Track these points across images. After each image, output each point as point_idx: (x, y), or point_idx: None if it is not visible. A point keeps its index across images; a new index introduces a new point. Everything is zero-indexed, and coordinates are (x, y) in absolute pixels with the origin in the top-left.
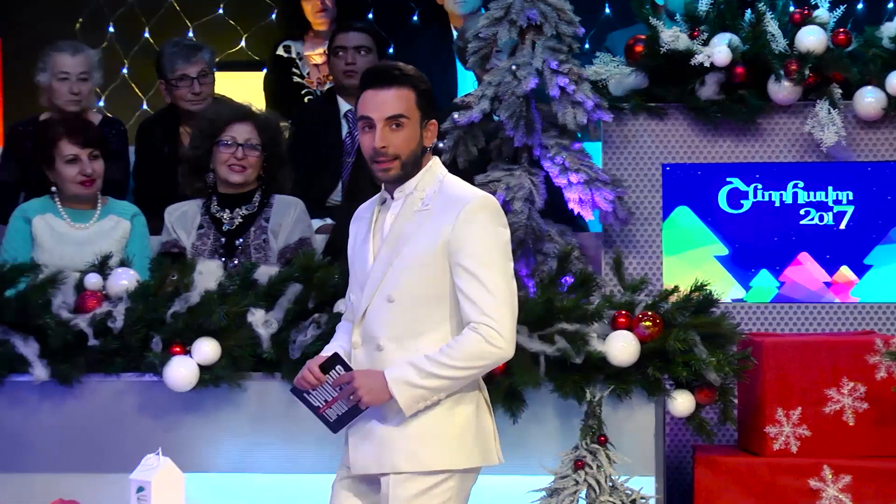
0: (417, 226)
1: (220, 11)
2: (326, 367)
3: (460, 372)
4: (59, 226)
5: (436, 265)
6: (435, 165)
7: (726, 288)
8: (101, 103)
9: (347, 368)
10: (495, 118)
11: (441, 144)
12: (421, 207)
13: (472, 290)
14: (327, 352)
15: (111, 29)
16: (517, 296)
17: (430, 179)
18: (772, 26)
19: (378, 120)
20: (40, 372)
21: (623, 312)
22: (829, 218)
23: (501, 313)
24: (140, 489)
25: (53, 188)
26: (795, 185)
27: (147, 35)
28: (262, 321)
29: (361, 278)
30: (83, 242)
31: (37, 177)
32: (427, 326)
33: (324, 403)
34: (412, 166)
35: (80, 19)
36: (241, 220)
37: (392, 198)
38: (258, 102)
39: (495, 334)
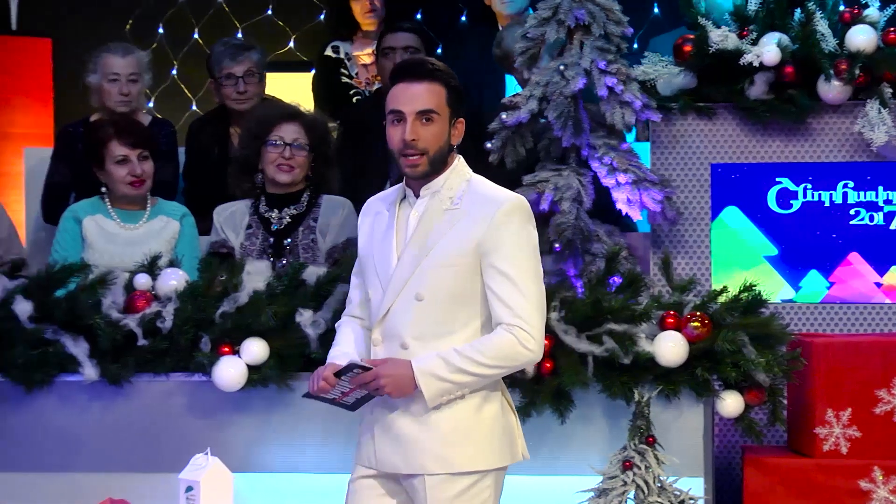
0: (448, 225)
1: (269, 12)
2: (341, 373)
3: (489, 370)
4: (109, 226)
5: (467, 265)
6: (461, 164)
7: (776, 288)
8: (151, 104)
9: (365, 370)
10: (541, 120)
11: (489, 145)
12: (451, 206)
13: (505, 291)
14: (335, 359)
15: (161, 30)
16: (545, 298)
17: (457, 178)
18: (821, 25)
19: (409, 114)
20: (90, 372)
21: (671, 313)
22: (879, 218)
23: (534, 317)
24: (189, 489)
25: (104, 189)
26: (845, 185)
27: (196, 36)
28: (310, 321)
29: (383, 276)
30: (133, 243)
31: (87, 178)
32: (454, 326)
33: (340, 395)
34: (439, 163)
35: (131, 20)
36: (289, 221)
37: (417, 195)
38: (306, 103)
39: (528, 337)
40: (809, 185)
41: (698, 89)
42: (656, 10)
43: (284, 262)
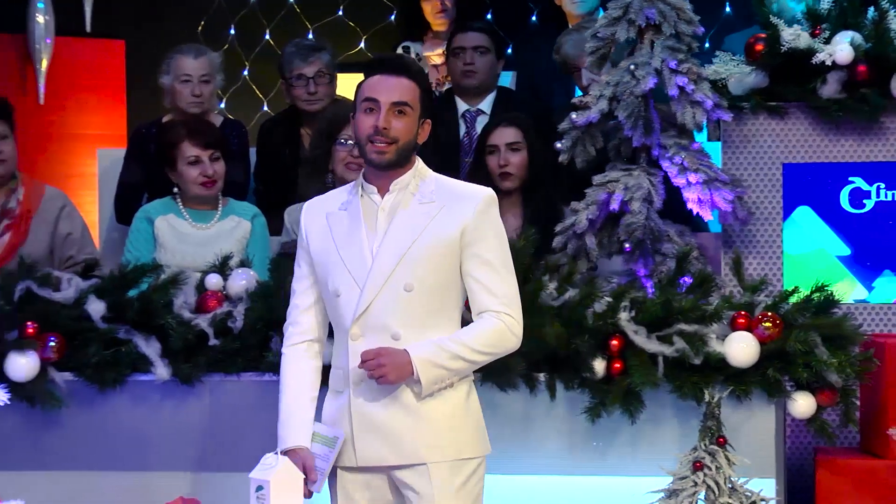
0: (427, 217)
1: (340, 13)
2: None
3: (482, 357)
4: (181, 226)
5: (451, 255)
6: (421, 164)
7: (848, 289)
8: (223, 105)
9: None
10: (611, 120)
11: (558, 145)
12: (425, 200)
13: (490, 280)
14: (283, 425)
15: (232, 31)
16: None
17: (423, 175)
18: (895, 23)
19: (384, 103)
20: (162, 371)
21: (742, 313)
22: None
23: (517, 304)
24: (259, 488)
25: (176, 189)
26: None
27: (268, 37)
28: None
29: (358, 271)
30: (204, 243)
31: (160, 178)
32: (438, 316)
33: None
34: (405, 157)
35: (203, 22)
36: None
37: (380, 192)
38: None
39: (515, 323)
40: (882, 185)
41: (770, 88)
42: (728, 9)
43: None
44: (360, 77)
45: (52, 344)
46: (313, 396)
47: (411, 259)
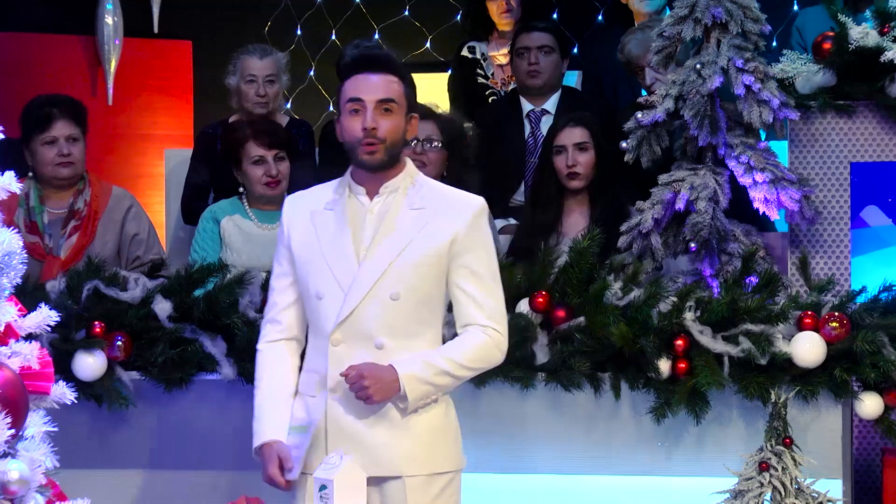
0: (418, 224)
1: (406, 13)
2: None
3: (468, 373)
4: (247, 226)
5: (439, 265)
6: (410, 164)
7: None
8: (289, 105)
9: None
10: (677, 119)
11: (624, 144)
12: (416, 206)
13: (478, 292)
14: (259, 420)
15: (299, 31)
16: None
17: (412, 178)
18: None
19: (370, 102)
20: (227, 371)
21: (809, 313)
22: None
23: (504, 319)
24: (322, 487)
25: (242, 189)
26: None
27: (334, 37)
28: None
29: (343, 276)
30: (270, 243)
31: (226, 178)
32: (422, 326)
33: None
34: (395, 155)
35: (269, 22)
36: None
37: (370, 194)
38: (442, 103)
39: (502, 340)
40: None
41: (838, 87)
42: (795, 6)
43: None
44: (425, 76)
45: (119, 343)
46: (290, 393)
47: (399, 267)
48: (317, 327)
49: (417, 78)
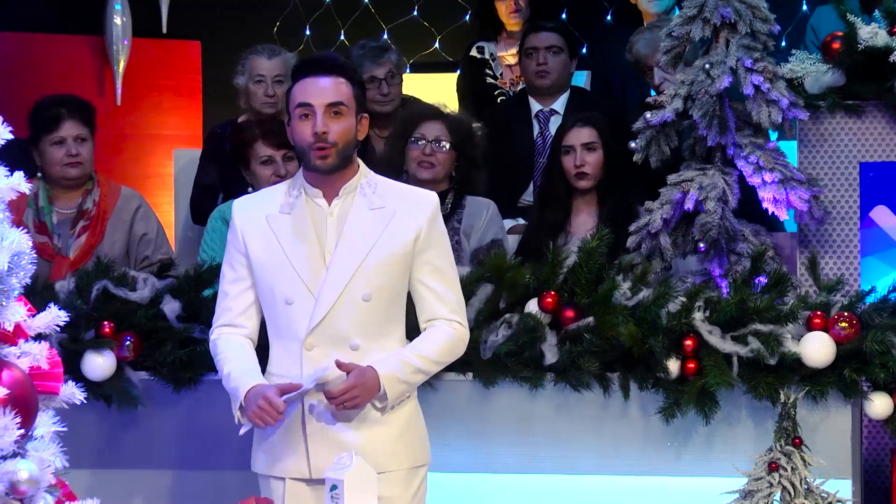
0: (380, 224)
1: (415, 13)
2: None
3: (438, 368)
4: None
5: (405, 262)
6: (363, 165)
7: None
8: None
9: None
10: (686, 119)
11: (633, 144)
12: (375, 205)
13: (441, 287)
14: (243, 378)
15: (308, 31)
16: None
17: (367, 177)
18: None
19: (319, 106)
20: None
21: (818, 313)
22: None
23: (464, 311)
24: (334, 487)
25: (251, 189)
26: None
27: (342, 37)
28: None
29: (311, 280)
30: None
31: (235, 178)
32: (391, 325)
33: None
34: (349, 158)
35: (278, 23)
36: None
37: (326, 196)
38: (451, 103)
39: (465, 333)
40: None
41: (847, 87)
42: (804, 6)
43: None
44: (433, 76)
45: (128, 343)
46: (257, 366)
47: (367, 268)
48: (287, 332)
49: (426, 78)
